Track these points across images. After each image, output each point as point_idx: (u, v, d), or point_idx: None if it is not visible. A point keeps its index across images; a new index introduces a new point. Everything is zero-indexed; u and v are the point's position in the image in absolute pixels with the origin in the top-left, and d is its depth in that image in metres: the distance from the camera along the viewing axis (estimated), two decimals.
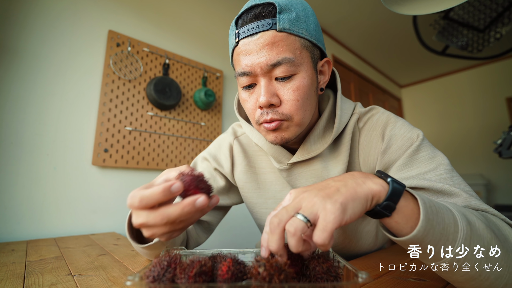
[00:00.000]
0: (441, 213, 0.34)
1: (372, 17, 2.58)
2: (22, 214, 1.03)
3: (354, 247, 0.68)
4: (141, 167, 1.38)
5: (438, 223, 0.33)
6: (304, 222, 0.29)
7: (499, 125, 3.25)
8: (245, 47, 0.47)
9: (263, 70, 0.47)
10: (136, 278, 0.27)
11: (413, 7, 0.90)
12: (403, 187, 0.34)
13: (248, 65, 0.47)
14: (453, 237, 0.34)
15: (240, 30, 0.48)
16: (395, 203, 0.33)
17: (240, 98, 0.54)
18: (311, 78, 0.50)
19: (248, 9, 0.48)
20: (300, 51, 0.48)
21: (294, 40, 0.47)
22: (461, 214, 0.36)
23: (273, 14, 0.46)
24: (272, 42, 0.46)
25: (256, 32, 0.46)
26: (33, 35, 1.13)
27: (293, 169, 0.60)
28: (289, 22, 0.46)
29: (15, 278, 0.51)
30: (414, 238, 0.33)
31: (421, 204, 0.33)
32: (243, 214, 1.70)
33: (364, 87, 3.28)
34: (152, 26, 1.53)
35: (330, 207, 0.29)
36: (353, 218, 0.30)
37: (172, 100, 1.48)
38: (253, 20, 0.47)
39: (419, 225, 0.32)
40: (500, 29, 1.54)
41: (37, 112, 1.11)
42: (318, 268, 0.31)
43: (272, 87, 0.48)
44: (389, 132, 0.54)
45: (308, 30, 0.49)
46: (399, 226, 0.35)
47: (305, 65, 0.49)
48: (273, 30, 0.46)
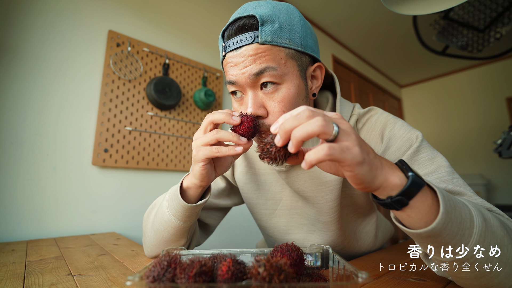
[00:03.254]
0: (458, 207, 0.34)
1: (372, 17, 2.58)
2: (22, 214, 1.03)
3: (353, 247, 0.68)
4: (141, 167, 1.38)
5: (456, 216, 0.33)
6: (335, 130, 0.31)
7: (499, 125, 3.25)
8: (230, 59, 0.49)
9: (247, 80, 0.48)
10: (136, 278, 0.27)
11: (413, 7, 0.90)
12: (422, 185, 0.33)
13: (233, 75, 0.49)
14: (468, 232, 0.34)
15: (226, 43, 0.49)
16: (409, 199, 0.33)
17: (233, 106, 0.55)
18: (297, 87, 0.50)
19: (233, 22, 0.49)
20: (284, 61, 0.48)
21: (277, 50, 0.47)
22: (477, 210, 0.36)
23: (255, 27, 0.46)
24: (255, 54, 0.47)
25: (240, 46, 0.47)
26: (33, 35, 1.13)
27: (291, 171, 0.60)
28: (272, 34, 0.46)
29: (15, 278, 0.51)
30: (432, 231, 0.33)
31: (441, 197, 0.33)
32: (243, 214, 1.70)
33: (364, 87, 3.28)
34: (152, 26, 1.53)
35: (358, 150, 0.31)
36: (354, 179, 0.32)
37: (172, 100, 1.48)
38: (237, 33, 0.48)
39: (439, 218, 0.32)
40: (500, 29, 1.54)
41: (37, 112, 1.11)
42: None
43: (258, 99, 0.49)
44: (388, 132, 0.54)
45: (293, 39, 0.48)
46: (411, 220, 0.35)
47: (290, 75, 0.49)
48: (256, 43, 0.46)
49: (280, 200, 0.66)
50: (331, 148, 0.30)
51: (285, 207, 0.65)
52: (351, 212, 0.65)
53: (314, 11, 2.48)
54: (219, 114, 0.46)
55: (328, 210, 0.59)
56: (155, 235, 0.57)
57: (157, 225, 0.56)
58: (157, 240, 0.57)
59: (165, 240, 0.56)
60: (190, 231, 0.58)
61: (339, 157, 0.30)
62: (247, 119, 0.45)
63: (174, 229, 0.54)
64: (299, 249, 0.36)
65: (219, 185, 0.70)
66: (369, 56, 3.30)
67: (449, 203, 0.33)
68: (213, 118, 0.46)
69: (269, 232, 0.70)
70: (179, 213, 0.53)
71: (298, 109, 0.34)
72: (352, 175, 0.32)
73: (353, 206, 0.64)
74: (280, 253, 0.35)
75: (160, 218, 0.56)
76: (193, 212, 0.53)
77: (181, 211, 0.52)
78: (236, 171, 0.68)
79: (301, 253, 0.36)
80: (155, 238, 0.58)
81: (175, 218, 0.53)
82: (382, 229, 0.76)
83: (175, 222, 0.53)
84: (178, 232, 0.55)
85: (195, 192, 0.52)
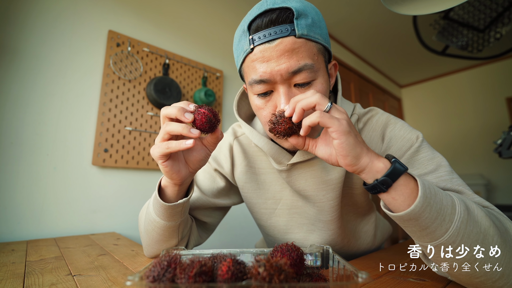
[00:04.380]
0: (439, 195, 0.37)
1: (372, 17, 2.58)
2: (22, 214, 1.03)
3: (352, 246, 0.69)
4: (141, 167, 1.38)
5: (435, 202, 0.36)
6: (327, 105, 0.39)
7: (499, 125, 3.25)
8: (262, 53, 0.45)
9: (283, 78, 0.46)
10: (136, 278, 0.27)
11: (413, 7, 0.90)
12: (405, 169, 0.37)
13: (266, 72, 0.46)
14: (449, 218, 0.36)
15: (255, 36, 0.45)
16: (393, 180, 0.37)
17: (254, 105, 0.52)
18: (327, 82, 0.50)
19: (262, 13, 0.46)
20: (317, 56, 0.48)
21: (311, 46, 0.47)
22: (460, 200, 0.38)
23: (290, 20, 0.45)
24: (292, 48, 0.44)
25: (275, 38, 0.44)
26: (33, 35, 1.13)
27: (292, 170, 0.60)
28: (307, 28, 0.45)
29: (15, 278, 0.51)
30: (411, 213, 0.36)
31: (420, 184, 0.36)
32: (243, 214, 1.70)
33: (364, 87, 3.28)
34: (152, 26, 1.53)
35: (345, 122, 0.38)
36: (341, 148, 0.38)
37: (172, 100, 1.47)
38: (270, 25, 0.45)
39: (417, 201, 0.35)
40: (500, 29, 1.54)
41: (37, 112, 1.11)
42: None
43: (292, 95, 0.47)
44: (389, 133, 0.55)
45: (322, 35, 0.49)
46: (396, 202, 0.38)
47: (321, 70, 0.49)
48: (292, 36, 0.44)
49: (280, 199, 0.66)
50: (322, 113, 0.38)
51: (285, 206, 0.66)
52: (351, 212, 0.65)
53: None
54: (171, 109, 0.42)
55: (329, 209, 0.59)
56: (146, 235, 0.57)
57: (147, 225, 0.56)
58: (149, 240, 0.57)
59: (155, 240, 0.56)
60: (181, 230, 0.56)
61: (327, 121, 0.37)
62: (200, 116, 0.42)
63: (161, 228, 0.53)
64: (299, 249, 0.36)
65: (219, 184, 0.69)
66: (369, 56, 3.30)
67: (429, 190, 0.36)
68: (166, 113, 0.42)
69: (269, 232, 0.70)
70: (161, 213, 0.51)
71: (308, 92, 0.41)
72: (339, 142, 0.38)
73: (353, 205, 0.64)
74: (280, 253, 0.35)
75: (148, 219, 0.55)
76: (174, 211, 0.51)
77: (162, 210, 0.50)
78: (236, 170, 0.68)
79: (301, 253, 0.36)
80: (147, 238, 0.57)
81: (159, 218, 0.52)
82: (380, 228, 0.76)
83: (160, 222, 0.52)
84: (165, 231, 0.54)
85: (173, 191, 0.50)
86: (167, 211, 0.50)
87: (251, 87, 0.50)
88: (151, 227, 0.54)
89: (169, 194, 0.51)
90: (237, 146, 0.68)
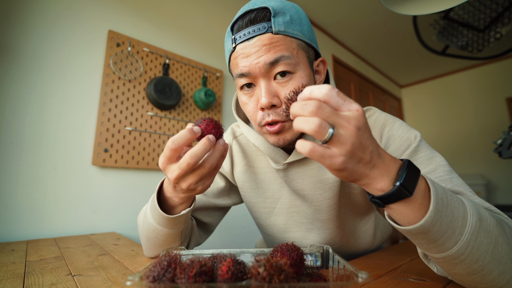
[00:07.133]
0: (451, 205, 0.34)
1: (372, 17, 2.58)
2: (22, 214, 1.03)
3: (352, 246, 0.69)
4: (141, 167, 1.38)
5: (447, 215, 0.33)
6: (326, 136, 0.29)
7: (499, 125, 3.25)
8: (242, 50, 0.48)
9: (261, 70, 0.48)
10: (136, 278, 0.27)
11: (413, 7, 0.90)
12: (403, 197, 0.33)
13: (246, 66, 0.48)
14: (459, 230, 0.34)
15: (237, 35, 0.49)
16: (385, 203, 0.34)
17: (240, 101, 0.54)
18: (308, 77, 0.51)
19: (243, 14, 0.49)
20: (296, 51, 0.49)
21: (290, 41, 0.48)
22: (474, 209, 0.36)
23: (268, 18, 0.47)
24: (270, 43, 0.47)
25: (253, 36, 0.47)
26: (33, 35, 1.13)
27: (289, 169, 0.60)
28: (284, 25, 0.48)
29: (15, 278, 0.51)
30: (420, 228, 0.33)
31: (433, 194, 0.33)
32: (243, 214, 1.70)
33: (364, 87, 3.29)
34: (152, 26, 1.53)
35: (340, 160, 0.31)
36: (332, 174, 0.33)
37: (172, 100, 1.48)
38: (249, 24, 0.48)
39: (427, 215, 0.32)
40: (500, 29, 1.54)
41: (37, 112, 1.11)
42: None
43: (272, 88, 0.49)
44: (387, 132, 0.55)
45: (302, 32, 0.50)
46: (401, 216, 0.35)
47: (302, 64, 0.50)
48: (269, 33, 0.47)
49: (278, 198, 0.66)
50: (312, 150, 0.30)
51: (283, 205, 0.66)
52: (350, 211, 0.65)
53: (314, 11, 2.48)
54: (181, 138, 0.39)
55: (326, 208, 0.59)
56: (147, 241, 0.56)
57: (147, 232, 0.54)
58: (150, 245, 0.57)
59: (158, 245, 0.55)
60: (183, 233, 0.56)
61: (317, 159, 0.31)
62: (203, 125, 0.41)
63: (164, 236, 0.52)
64: (299, 249, 0.36)
65: (219, 184, 0.69)
66: (369, 56, 3.30)
67: (441, 201, 0.33)
68: (178, 144, 0.39)
69: (268, 231, 0.71)
70: (163, 222, 0.50)
71: (320, 89, 0.31)
72: (330, 171, 0.33)
73: (352, 205, 0.64)
74: (280, 253, 0.35)
75: (148, 227, 0.53)
76: (178, 220, 0.50)
77: (165, 221, 0.49)
78: (235, 170, 0.68)
79: (301, 253, 0.36)
80: (148, 243, 0.57)
81: (161, 226, 0.50)
82: (380, 228, 0.76)
83: (163, 230, 0.51)
84: (169, 238, 0.53)
85: (180, 198, 0.48)
86: (170, 221, 0.49)
87: (236, 82, 0.52)
88: (152, 234, 0.53)
89: (174, 201, 0.49)
90: (236, 146, 0.68)
